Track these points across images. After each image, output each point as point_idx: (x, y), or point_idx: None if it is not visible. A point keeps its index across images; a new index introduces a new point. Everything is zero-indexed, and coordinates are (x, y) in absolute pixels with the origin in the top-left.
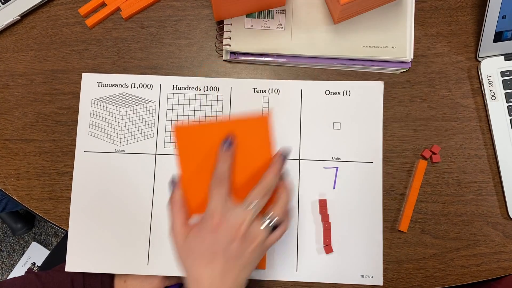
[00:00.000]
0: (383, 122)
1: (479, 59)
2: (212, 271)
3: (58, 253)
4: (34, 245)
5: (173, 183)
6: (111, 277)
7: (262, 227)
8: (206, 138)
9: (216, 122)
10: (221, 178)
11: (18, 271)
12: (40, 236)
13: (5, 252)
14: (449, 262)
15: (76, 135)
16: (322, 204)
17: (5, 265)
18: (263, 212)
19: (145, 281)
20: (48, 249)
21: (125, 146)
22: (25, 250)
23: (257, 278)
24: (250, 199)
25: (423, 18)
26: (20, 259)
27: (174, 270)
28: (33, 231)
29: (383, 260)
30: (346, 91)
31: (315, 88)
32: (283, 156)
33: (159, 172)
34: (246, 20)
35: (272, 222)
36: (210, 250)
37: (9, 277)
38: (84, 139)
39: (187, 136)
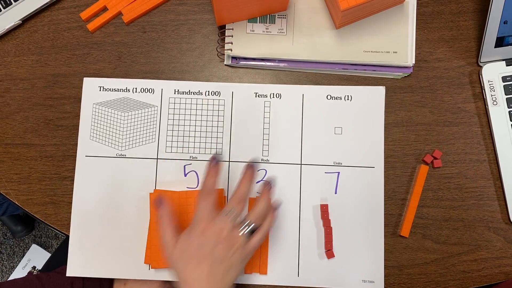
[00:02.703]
0: (385, 127)
1: (481, 64)
2: (200, 274)
3: (59, 256)
4: (34, 248)
5: (160, 201)
6: (110, 280)
7: (240, 233)
8: (175, 204)
9: (185, 191)
10: (208, 190)
11: (18, 273)
12: (40, 238)
13: (5, 254)
14: (451, 267)
15: (77, 139)
16: (324, 209)
17: (5, 268)
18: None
19: (144, 285)
20: (48, 251)
21: (126, 150)
22: (25, 252)
23: (259, 283)
24: (227, 208)
25: (425, 23)
26: (20, 261)
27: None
28: (33, 233)
29: (384, 265)
30: (348, 96)
31: (316, 92)
32: (252, 166)
33: (160, 177)
34: (247, 25)
35: (249, 228)
36: (198, 253)
37: (9, 279)
38: (85, 144)
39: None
